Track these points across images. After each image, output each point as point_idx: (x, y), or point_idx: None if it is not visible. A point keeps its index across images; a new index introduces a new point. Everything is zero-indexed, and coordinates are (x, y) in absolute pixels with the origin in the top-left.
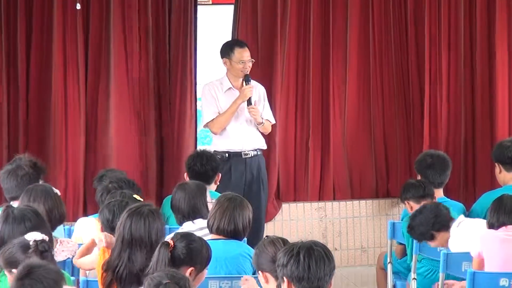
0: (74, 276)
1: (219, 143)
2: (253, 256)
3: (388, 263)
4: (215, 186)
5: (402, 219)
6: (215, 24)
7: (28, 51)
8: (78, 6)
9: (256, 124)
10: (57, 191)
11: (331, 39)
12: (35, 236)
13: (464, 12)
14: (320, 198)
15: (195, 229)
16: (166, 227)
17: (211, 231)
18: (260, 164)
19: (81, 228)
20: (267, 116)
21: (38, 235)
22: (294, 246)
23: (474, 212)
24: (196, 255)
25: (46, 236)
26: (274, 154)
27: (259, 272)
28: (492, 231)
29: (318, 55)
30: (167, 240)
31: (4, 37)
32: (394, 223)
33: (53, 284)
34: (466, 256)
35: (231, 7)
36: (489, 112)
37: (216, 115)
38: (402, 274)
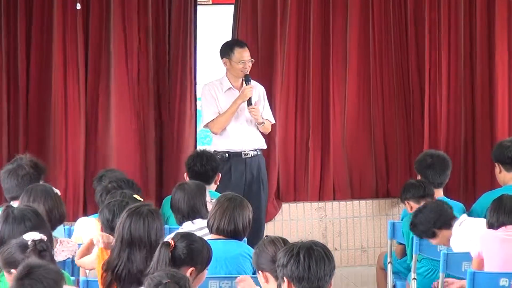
0: (74, 276)
1: (219, 143)
2: (253, 256)
3: (388, 263)
4: (215, 186)
5: (402, 219)
6: (215, 24)
7: (28, 51)
8: (78, 6)
9: (256, 124)
10: (57, 191)
11: (331, 39)
12: (33, 236)
13: (464, 12)
14: (320, 198)
15: (194, 229)
16: (165, 227)
17: (211, 231)
18: (260, 164)
19: (81, 228)
20: (267, 116)
21: (37, 235)
22: (294, 246)
23: (474, 212)
24: (197, 255)
25: (45, 236)
26: (274, 154)
27: (259, 272)
28: (491, 231)
29: (318, 55)
30: (168, 240)
31: (4, 37)
32: (394, 223)
33: (53, 284)
34: (466, 256)
35: (231, 7)
36: (489, 112)
37: (216, 115)
38: (402, 274)
